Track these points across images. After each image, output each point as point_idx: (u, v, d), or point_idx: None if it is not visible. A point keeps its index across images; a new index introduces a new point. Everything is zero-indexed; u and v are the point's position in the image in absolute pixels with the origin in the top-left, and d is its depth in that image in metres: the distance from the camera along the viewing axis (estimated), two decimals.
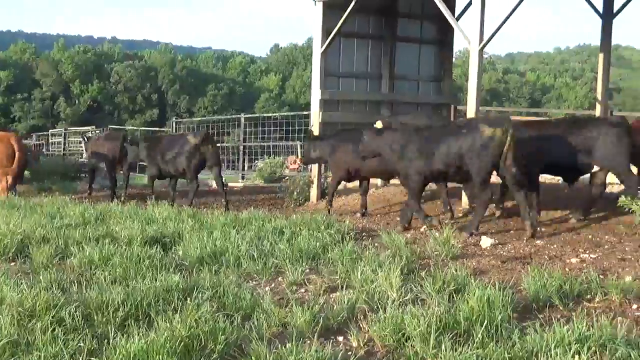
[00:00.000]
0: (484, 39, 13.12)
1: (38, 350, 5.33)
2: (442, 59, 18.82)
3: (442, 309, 6.12)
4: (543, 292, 6.77)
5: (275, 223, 10.83)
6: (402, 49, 17.99)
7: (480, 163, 10.49)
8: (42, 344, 5.44)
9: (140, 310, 6.36)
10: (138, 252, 8.53)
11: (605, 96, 17.16)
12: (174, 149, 14.97)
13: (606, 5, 16.62)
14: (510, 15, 13.07)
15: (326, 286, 7.42)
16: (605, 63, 16.94)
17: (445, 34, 18.27)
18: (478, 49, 13.08)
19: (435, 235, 9.67)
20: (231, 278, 7.66)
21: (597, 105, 17.27)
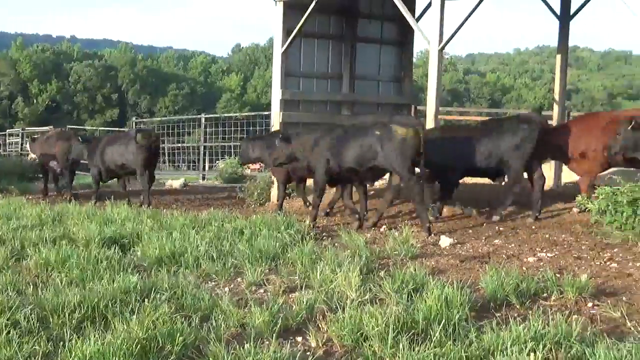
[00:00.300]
0: (443, 40, 13.21)
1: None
2: (403, 60, 18.89)
3: (400, 308, 6.15)
4: (500, 291, 6.83)
5: (235, 223, 10.80)
6: (362, 50, 18.02)
7: (396, 162, 10.95)
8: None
9: (97, 312, 6.30)
10: (96, 254, 8.45)
11: (563, 97, 17.35)
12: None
13: (563, 7, 16.81)
14: (469, 16, 13.19)
15: (285, 286, 7.41)
16: (562, 64, 17.13)
17: (405, 34, 18.35)
18: (437, 50, 13.16)
19: (395, 235, 9.72)
20: (190, 279, 7.63)
21: (554, 105, 17.46)
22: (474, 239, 10.47)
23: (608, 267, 8.48)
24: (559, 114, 16.89)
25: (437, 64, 13.30)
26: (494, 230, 11.11)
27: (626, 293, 7.27)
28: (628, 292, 7.33)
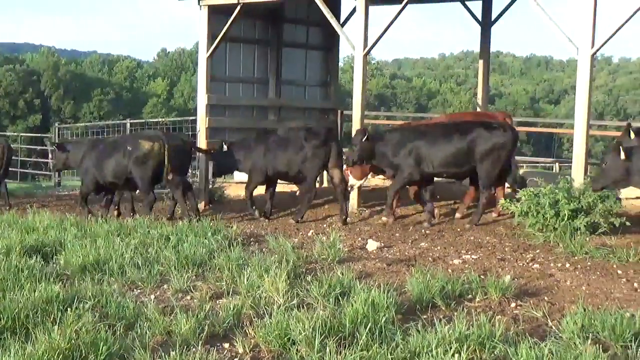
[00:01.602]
0: (368, 45, 13.35)
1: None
2: (329, 65, 18.99)
3: (327, 312, 6.18)
4: (426, 294, 6.92)
5: (161, 230, 10.66)
6: (288, 54, 18.04)
7: (141, 173, 12.47)
8: None
9: (18, 323, 6.14)
10: (16, 263, 8.23)
11: (486, 101, 17.70)
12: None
13: (484, 13, 17.14)
14: (393, 21, 13.32)
15: (212, 293, 7.37)
16: (485, 69, 17.47)
17: (331, 39, 18.43)
18: (362, 55, 13.30)
19: (322, 239, 9.74)
20: (114, 287, 7.51)
21: (478, 110, 17.77)
22: (401, 242, 10.58)
23: (530, 268, 8.68)
24: None
25: (362, 68, 13.44)
26: (420, 234, 11.25)
27: (548, 293, 7.46)
28: (550, 292, 7.52)
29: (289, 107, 17.86)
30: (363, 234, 11.29)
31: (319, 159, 12.61)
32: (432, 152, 11.84)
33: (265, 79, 17.63)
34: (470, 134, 11.69)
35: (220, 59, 16.44)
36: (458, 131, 11.89)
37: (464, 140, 11.68)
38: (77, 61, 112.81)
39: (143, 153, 12.49)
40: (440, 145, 11.84)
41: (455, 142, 11.76)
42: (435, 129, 12.40)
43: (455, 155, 11.75)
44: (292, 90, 18.26)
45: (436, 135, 11.99)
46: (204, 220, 11.47)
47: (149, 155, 12.48)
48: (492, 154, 11.56)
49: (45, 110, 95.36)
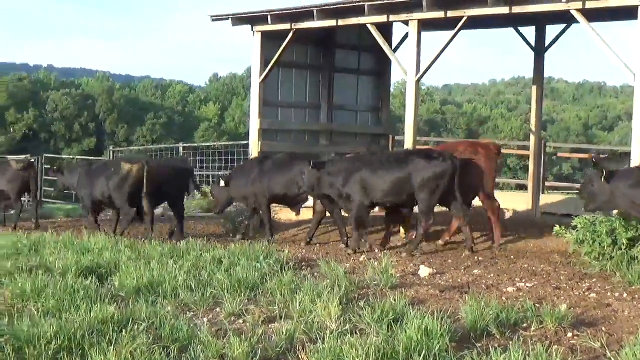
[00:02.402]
0: (420, 71, 13.34)
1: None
2: (380, 90, 19.03)
3: (380, 339, 6.11)
4: (481, 321, 6.81)
5: (214, 253, 10.71)
6: (340, 80, 18.13)
7: (120, 193, 13.64)
8: None
9: (74, 343, 6.19)
10: (72, 283, 8.33)
11: (539, 127, 17.52)
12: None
13: (538, 40, 17.02)
14: (446, 47, 13.31)
15: (265, 317, 7.35)
16: (538, 95, 17.31)
17: (383, 65, 18.48)
18: (415, 80, 13.29)
19: (374, 264, 9.68)
20: (168, 309, 7.55)
21: (531, 136, 17.60)
22: (454, 269, 10.47)
23: (587, 297, 8.50)
24: (535, 144, 17.02)
25: (415, 94, 13.43)
26: (473, 260, 11.13)
27: (605, 323, 7.29)
28: (607, 322, 7.35)
29: (341, 133, 17.91)
30: (415, 260, 11.21)
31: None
32: (374, 182, 11.95)
33: (317, 104, 17.72)
34: (410, 164, 11.75)
35: (272, 84, 16.60)
36: (397, 161, 11.99)
37: (404, 170, 11.75)
38: (131, 86, 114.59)
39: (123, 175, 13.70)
40: (381, 175, 11.92)
41: (395, 171, 11.83)
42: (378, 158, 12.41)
43: (396, 184, 11.81)
44: (344, 116, 18.33)
45: (377, 165, 12.06)
46: (256, 244, 11.48)
47: (128, 177, 13.65)
48: (430, 184, 11.58)
49: (100, 134, 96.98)
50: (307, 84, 17.66)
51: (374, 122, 18.95)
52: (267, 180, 13.53)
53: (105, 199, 14.14)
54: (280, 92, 17.09)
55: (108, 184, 13.88)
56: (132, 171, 13.63)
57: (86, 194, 14.54)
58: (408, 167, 11.72)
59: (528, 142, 18.34)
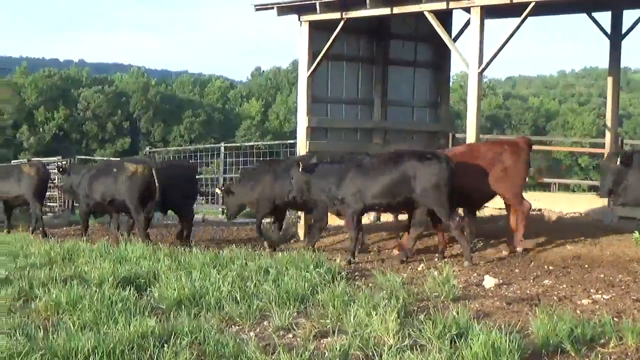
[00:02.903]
0: (483, 62, 13.25)
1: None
2: (438, 84, 18.94)
3: (443, 355, 6.11)
4: (553, 337, 6.75)
5: (260, 262, 10.78)
6: (395, 73, 18.08)
7: (130, 194, 14.08)
8: None
9: (113, 358, 6.29)
10: (110, 295, 8.45)
11: (616, 123, 17.30)
12: None
13: (614, 26, 16.80)
14: (511, 36, 13.19)
15: (316, 331, 7.37)
16: (614, 87, 17.10)
17: (441, 56, 18.41)
18: (477, 72, 13.21)
19: (434, 274, 9.65)
20: (212, 322, 7.61)
21: (606, 132, 17.38)
22: (521, 279, 10.39)
23: None
24: (611, 141, 16.81)
25: (477, 87, 13.35)
26: (542, 270, 11.02)
27: None
28: None
29: (396, 130, 17.87)
30: (479, 269, 11.16)
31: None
32: (368, 184, 12.20)
33: (369, 99, 17.70)
34: (403, 165, 11.97)
35: (321, 78, 16.62)
36: (392, 162, 12.17)
37: (397, 171, 11.97)
38: (167, 81, 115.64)
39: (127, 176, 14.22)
40: (375, 177, 12.18)
41: (388, 174, 12.04)
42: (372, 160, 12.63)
43: (389, 187, 12.02)
44: (399, 112, 18.28)
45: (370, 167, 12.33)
46: (306, 252, 11.53)
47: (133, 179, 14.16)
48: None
49: (135, 133, 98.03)
50: (358, 78, 17.65)
51: (432, 119, 18.88)
52: (274, 185, 13.99)
53: (106, 201, 14.71)
54: (330, 86, 17.10)
55: (114, 186, 14.41)
56: (136, 172, 14.15)
57: (84, 197, 15.25)
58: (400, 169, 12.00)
59: (602, 138, 18.14)
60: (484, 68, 13.39)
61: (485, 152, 12.50)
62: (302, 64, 16.06)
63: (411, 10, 14.35)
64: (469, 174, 12.17)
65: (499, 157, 12.31)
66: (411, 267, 11.53)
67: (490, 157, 12.35)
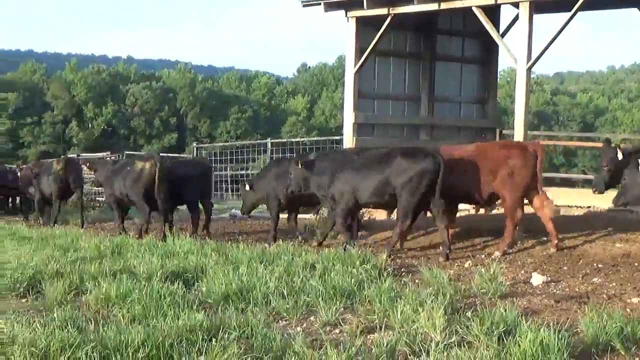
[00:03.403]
0: (532, 58, 13.14)
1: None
2: (486, 79, 18.86)
3: (491, 352, 6.07)
4: (603, 335, 6.67)
5: (306, 257, 10.81)
6: (442, 69, 18.03)
7: (135, 190, 14.71)
8: None
9: (162, 352, 6.34)
10: (158, 289, 8.55)
11: None
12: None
13: None
14: (561, 31, 13.08)
15: (363, 326, 7.37)
16: None
17: (489, 52, 18.33)
18: (526, 68, 13.10)
19: (482, 271, 9.60)
20: (259, 317, 7.65)
21: None
22: (570, 276, 10.29)
23: None
24: None
25: (525, 83, 13.24)
26: (592, 268, 10.90)
27: None
28: None
29: (443, 126, 17.81)
30: (526, 267, 11.08)
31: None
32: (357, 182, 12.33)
33: (416, 95, 17.68)
34: (390, 162, 12.08)
35: (368, 74, 16.63)
36: (379, 160, 12.29)
37: (384, 169, 12.09)
38: (213, 78, 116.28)
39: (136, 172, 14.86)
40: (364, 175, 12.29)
41: (376, 171, 12.18)
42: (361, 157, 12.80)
43: (377, 184, 12.13)
44: (446, 108, 18.23)
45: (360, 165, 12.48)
46: (352, 248, 11.53)
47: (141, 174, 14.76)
48: (410, 183, 11.84)
49: (181, 129, 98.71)
50: (405, 74, 17.63)
51: (479, 115, 18.79)
52: (279, 182, 14.13)
53: (124, 196, 15.38)
54: (377, 82, 17.10)
55: (124, 182, 15.13)
56: (145, 169, 14.78)
57: (107, 192, 16.15)
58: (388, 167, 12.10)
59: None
60: (533, 64, 13.28)
61: (493, 153, 12.47)
62: (349, 60, 16.07)
63: (459, 5, 14.28)
64: (475, 172, 12.24)
65: (506, 159, 12.25)
66: (458, 264, 11.48)
67: (498, 158, 12.31)
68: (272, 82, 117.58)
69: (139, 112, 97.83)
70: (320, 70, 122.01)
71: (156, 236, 14.08)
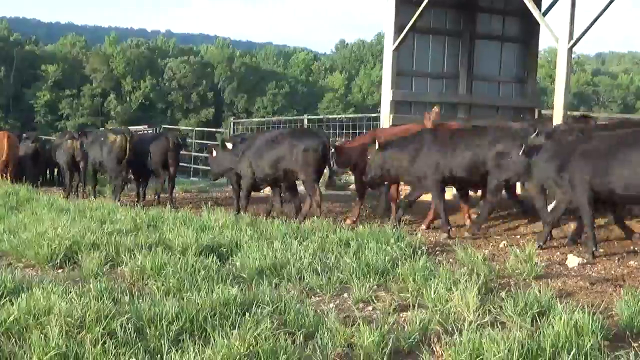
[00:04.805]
0: (574, 37, 12.97)
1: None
2: (526, 59, 18.68)
3: (524, 333, 6.04)
4: (638, 319, 6.62)
5: (341, 234, 10.82)
6: (482, 47, 17.89)
7: (110, 162, 16.49)
8: (92, 357, 5.52)
9: (196, 325, 6.41)
10: (193, 262, 8.61)
11: None
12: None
13: None
14: (604, 11, 12.93)
15: (396, 304, 7.39)
16: None
17: (530, 31, 18.13)
18: (567, 48, 12.94)
19: (517, 252, 9.55)
20: (293, 293, 7.69)
21: None
22: (606, 259, 10.20)
23: None
24: None
25: (567, 63, 13.09)
26: (628, 250, 10.80)
27: None
28: None
29: (481, 105, 17.70)
30: (562, 248, 11.00)
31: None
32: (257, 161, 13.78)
33: (455, 73, 17.57)
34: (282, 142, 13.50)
35: (407, 51, 16.56)
36: (274, 140, 13.74)
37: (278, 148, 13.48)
38: (251, 53, 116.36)
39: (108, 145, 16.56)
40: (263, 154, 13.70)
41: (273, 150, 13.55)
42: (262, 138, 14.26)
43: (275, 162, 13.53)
44: (485, 87, 18.11)
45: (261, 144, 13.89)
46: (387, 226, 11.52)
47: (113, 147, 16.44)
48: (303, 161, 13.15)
49: (219, 104, 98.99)
50: (444, 52, 17.52)
51: (518, 94, 18.62)
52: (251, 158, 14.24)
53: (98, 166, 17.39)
54: (415, 60, 17.03)
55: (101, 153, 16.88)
56: (116, 142, 16.35)
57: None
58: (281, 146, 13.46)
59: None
60: (574, 43, 13.11)
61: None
62: (387, 37, 16.00)
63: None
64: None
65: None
66: (493, 244, 11.43)
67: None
68: (310, 59, 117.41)
69: (176, 86, 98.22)
70: (359, 47, 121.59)
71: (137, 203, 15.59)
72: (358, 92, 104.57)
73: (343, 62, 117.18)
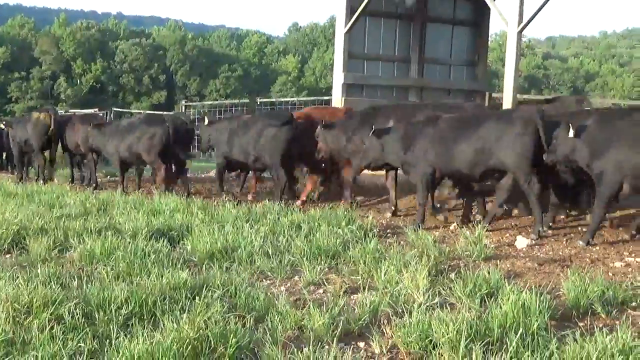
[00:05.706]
0: (523, 21, 13.08)
1: (35, 350, 5.34)
2: (477, 42, 18.79)
3: (473, 314, 6.10)
4: (584, 299, 6.71)
5: (292, 217, 10.83)
6: (433, 30, 17.96)
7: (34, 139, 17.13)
8: (39, 343, 5.45)
9: (145, 309, 6.37)
10: (143, 246, 8.55)
11: None
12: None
13: None
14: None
15: (346, 287, 7.41)
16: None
17: (480, 14, 18.23)
18: (517, 31, 13.04)
19: (466, 234, 9.64)
20: (244, 276, 7.67)
21: None
22: (554, 240, 10.33)
23: None
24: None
25: (516, 47, 13.20)
26: (576, 232, 10.95)
27: None
28: None
29: (432, 88, 17.77)
30: (511, 230, 11.11)
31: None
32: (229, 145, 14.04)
33: (406, 56, 17.62)
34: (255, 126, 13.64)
35: (358, 34, 16.57)
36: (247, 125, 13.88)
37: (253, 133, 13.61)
38: (204, 36, 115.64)
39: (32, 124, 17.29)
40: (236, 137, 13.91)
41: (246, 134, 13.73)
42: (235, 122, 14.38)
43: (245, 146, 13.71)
44: (436, 70, 18.18)
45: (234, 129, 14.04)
46: (338, 209, 11.54)
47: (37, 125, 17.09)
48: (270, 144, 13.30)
49: (171, 87, 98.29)
50: (396, 35, 17.54)
51: (469, 78, 18.73)
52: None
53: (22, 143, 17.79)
54: (367, 43, 17.03)
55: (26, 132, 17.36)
56: (39, 119, 17.08)
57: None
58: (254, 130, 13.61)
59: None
60: (524, 27, 13.21)
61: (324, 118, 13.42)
62: (339, 20, 15.97)
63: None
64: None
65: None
66: (443, 227, 11.51)
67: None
68: (263, 41, 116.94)
69: (128, 69, 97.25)
70: (312, 30, 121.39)
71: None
72: (311, 75, 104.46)
73: (296, 45, 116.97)
